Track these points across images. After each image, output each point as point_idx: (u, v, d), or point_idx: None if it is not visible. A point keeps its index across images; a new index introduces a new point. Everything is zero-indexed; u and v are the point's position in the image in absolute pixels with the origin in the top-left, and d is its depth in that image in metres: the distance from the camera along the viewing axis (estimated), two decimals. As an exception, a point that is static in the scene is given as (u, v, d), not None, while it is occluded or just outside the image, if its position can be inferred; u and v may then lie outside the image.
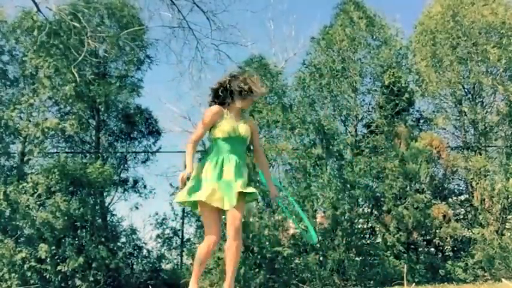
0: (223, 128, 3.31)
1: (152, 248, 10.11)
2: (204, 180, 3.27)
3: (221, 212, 3.31)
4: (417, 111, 11.16)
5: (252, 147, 3.61)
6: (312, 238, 3.77)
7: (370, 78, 10.93)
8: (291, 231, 10.19)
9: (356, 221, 10.07)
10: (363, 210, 10.27)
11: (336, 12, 11.06)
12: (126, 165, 10.69)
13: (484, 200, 9.94)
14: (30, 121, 9.62)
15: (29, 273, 8.85)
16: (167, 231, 10.11)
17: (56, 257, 9.03)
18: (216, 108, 3.37)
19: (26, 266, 8.81)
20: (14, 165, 9.81)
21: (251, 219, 9.52)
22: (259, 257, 9.24)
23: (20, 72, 10.07)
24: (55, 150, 10.38)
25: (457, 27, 10.54)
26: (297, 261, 9.67)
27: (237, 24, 10.78)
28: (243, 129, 3.37)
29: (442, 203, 9.98)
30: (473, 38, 10.47)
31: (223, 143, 3.32)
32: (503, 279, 8.33)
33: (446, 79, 10.58)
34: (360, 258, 9.69)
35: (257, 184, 7.87)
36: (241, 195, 3.25)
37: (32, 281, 8.86)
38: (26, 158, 9.71)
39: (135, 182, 10.60)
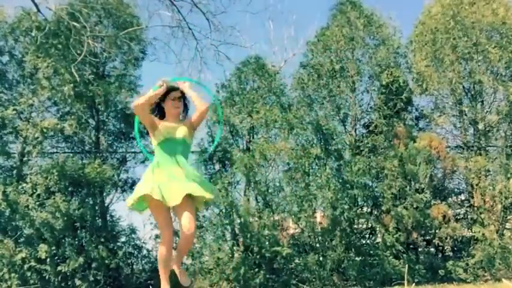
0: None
1: (152, 248, 10.09)
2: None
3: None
4: (416, 109, 11.15)
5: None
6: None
7: (369, 78, 10.91)
8: (291, 231, 10.19)
9: (355, 221, 10.06)
10: (362, 210, 10.26)
11: (333, 13, 11.04)
12: (125, 166, 10.66)
13: (484, 200, 9.92)
14: (29, 122, 9.62)
15: (28, 273, 8.86)
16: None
17: (56, 257, 9.04)
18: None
19: (26, 266, 8.82)
20: (14, 166, 9.81)
21: (251, 219, 9.52)
22: (258, 257, 9.24)
23: (19, 73, 10.07)
24: (54, 151, 10.35)
25: (457, 27, 10.51)
26: (296, 261, 9.66)
27: (236, 25, 10.74)
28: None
29: (441, 203, 9.96)
30: (474, 37, 10.45)
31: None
32: (503, 279, 8.32)
33: (446, 79, 10.55)
34: (360, 258, 9.67)
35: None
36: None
37: (32, 281, 8.87)
38: (25, 159, 9.71)
39: (134, 183, 10.56)
